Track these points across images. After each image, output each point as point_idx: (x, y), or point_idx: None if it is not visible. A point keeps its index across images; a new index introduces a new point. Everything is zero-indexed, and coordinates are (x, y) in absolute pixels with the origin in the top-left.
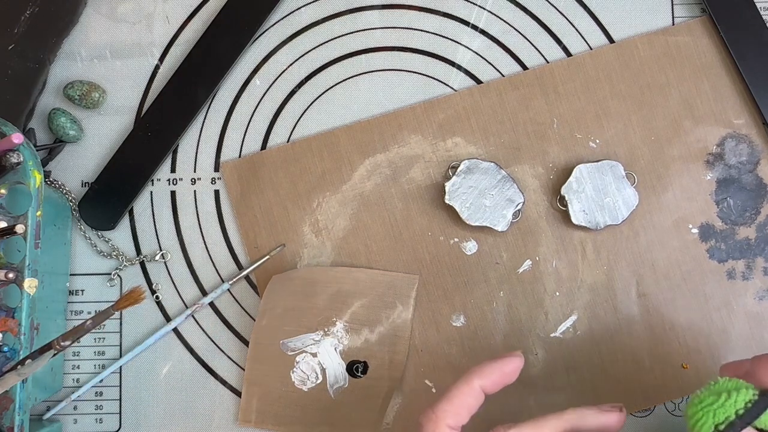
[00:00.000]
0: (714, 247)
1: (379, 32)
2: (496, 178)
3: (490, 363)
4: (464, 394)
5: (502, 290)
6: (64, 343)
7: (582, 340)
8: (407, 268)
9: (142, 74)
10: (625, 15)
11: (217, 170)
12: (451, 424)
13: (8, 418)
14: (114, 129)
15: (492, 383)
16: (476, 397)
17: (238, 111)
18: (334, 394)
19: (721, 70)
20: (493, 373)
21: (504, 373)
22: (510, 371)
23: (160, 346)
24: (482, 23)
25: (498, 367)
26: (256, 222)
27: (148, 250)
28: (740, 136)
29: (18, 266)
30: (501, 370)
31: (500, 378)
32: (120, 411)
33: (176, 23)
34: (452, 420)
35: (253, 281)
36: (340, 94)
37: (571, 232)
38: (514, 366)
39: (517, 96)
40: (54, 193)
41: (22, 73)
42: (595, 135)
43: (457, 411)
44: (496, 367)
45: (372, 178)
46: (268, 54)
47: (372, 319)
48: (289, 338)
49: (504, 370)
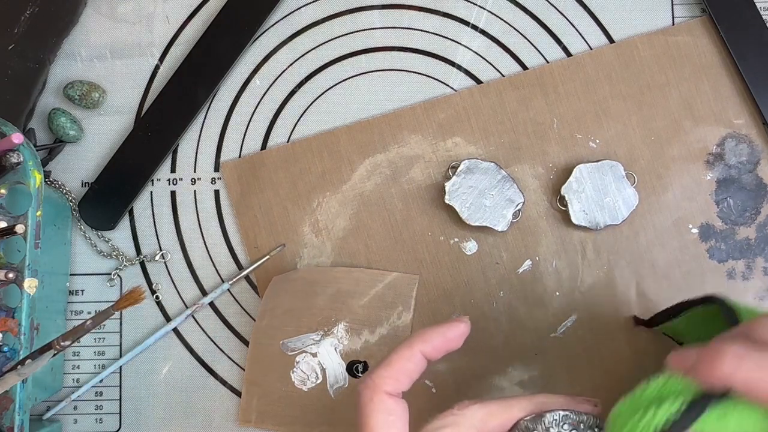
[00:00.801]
0: (714, 247)
1: (379, 32)
2: (496, 178)
3: (433, 328)
4: (404, 358)
5: (502, 290)
6: (64, 343)
7: (582, 340)
8: (407, 268)
9: (142, 74)
10: (625, 15)
11: (217, 170)
12: (389, 390)
13: (8, 418)
14: (114, 129)
15: (434, 348)
16: (417, 363)
17: (238, 111)
18: (334, 394)
19: (721, 70)
20: (436, 338)
21: (447, 338)
22: (453, 337)
23: (160, 346)
24: (482, 23)
25: (441, 331)
26: (256, 222)
27: (148, 250)
28: (740, 136)
29: (18, 266)
30: (444, 335)
31: (443, 343)
32: (120, 411)
33: (176, 23)
34: (391, 386)
35: (253, 281)
36: (340, 94)
37: (571, 232)
38: (459, 332)
39: (517, 96)
40: (54, 193)
41: (22, 73)
42: (595, 135)
43: (396, 377)
44: (439, 332)
45: (372, 178)
46: (268, 54)
47: (372, 319)
48: (289, 338)
49: (447, 336)
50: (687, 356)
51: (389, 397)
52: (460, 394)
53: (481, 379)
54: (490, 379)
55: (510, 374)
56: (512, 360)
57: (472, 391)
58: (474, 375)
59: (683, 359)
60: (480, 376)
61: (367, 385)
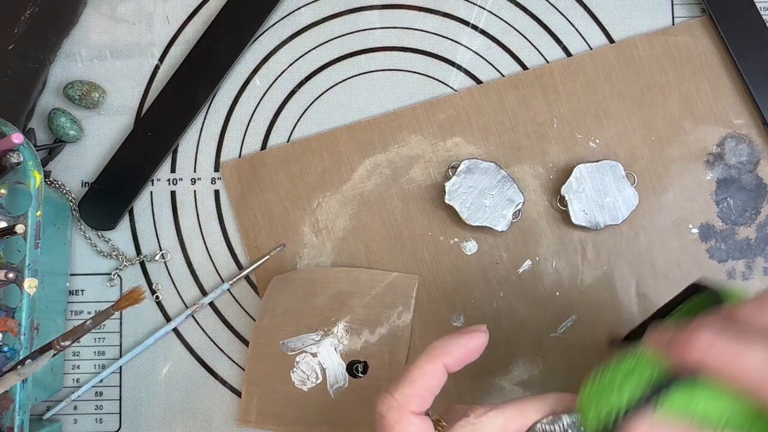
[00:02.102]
0: (714, 247)
1: (379, 32)
2: (496, 178)
3: (455, 339)
4: (428, 374)
5: (502, 290)
6: (64, 343)
7: (582, 340)
8: (407, 268)
9: (142, 74)
10: (625, 15)
11: (217, 170)
12: (415, 410)
13: (8, 418)
14: (114, 129)
15: (456, 361)
16: (440, 378)
17: (238, 111)
18: (334, 394)
19: (721, 70)
20: (458, 351)
21: (469, 350)
22: (475, 348)
23: (160, 346)
24: (482, 23)
25: (463, 343)
26: (256, 222)
27: (148, 250)
28: (740, 136)
29: (18, 266)
30: (466, 347)
31: (465, 356)
32: (120, 411)
33: (176, 23)
34: (416, 405)
35: (253, 281)
36: (340, 94)
37: (571, 232)
38: (480, 342)
39: (517, 96)
40: (54, 193)
41: (22, 73)
42: (595, 135)
43: (421, 395)
44: (461, 344)
45: (372, 178)
46: (268, 54)
47: (372, 319)
48: (289, 338)
49: (469, 347)
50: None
51: (416, 417)
52: (460, 394)
53: (481, 379)
54: (490, 379)
55: (510, 374)
56: (512, 360)
57: (472, 391)
58: (474, 375)
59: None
60: (480, 376)
61: (391, 407)
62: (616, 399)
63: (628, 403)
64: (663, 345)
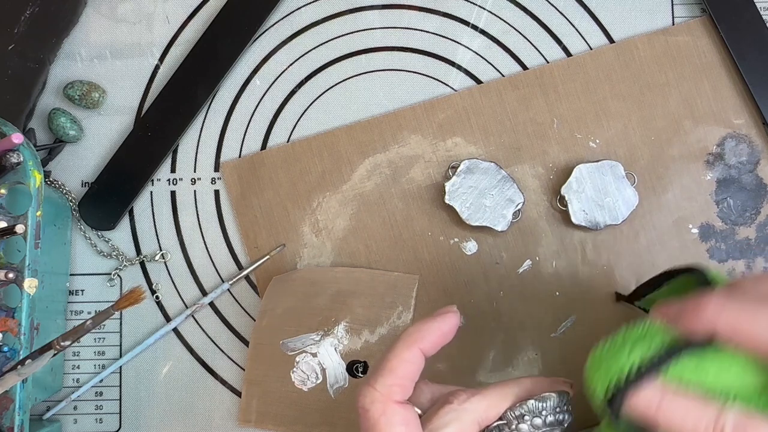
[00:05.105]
0: (714, 247)
1: (379, 32)
2: (496, 178)
3: (428, 323)
4: (407, 361)
5: (502, 290)
6: (64, 343)
7: (582, 340)
8: (407, 268)
9: (142, 74)
10: (625, 15)
11: (217, 170)
12: (399, 399)
13: (8, 418)
14: (114, 129)
15: (432, 345)
16: (419, 364)
17: (238, 111)
18: (334, 394)
19: (721, 70)
20: (433, 334)
21: (443, 332)
22: (448, 330)
23: (160, 346)
24: (482, 23)
25: (437, 327)
26: (256, 222)
27: (148, 250)
28: (740, 136)
29: (18, 266)
30: (440, 330)
31: (440, 338)
32: (120, 411)
33: (176, 23)
34: (399, 395)
35: (253, 281)
36: (340, 94)
37: (571, 232)
38: (452, 323)
39: (517, 96)
40: (54, 193)
41: (22, 73)
42: (595, 135)
43: (402, 383)
44: (435, 327)
45: (372, 178)
46: (268, 54)
47: (372, 319)
48: (289, 338)
49: (443, 330)
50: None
51: (401, 407)
52: None
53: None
54: (490, 379)
55: (510, 374)
56: (512, 360)
57: None
58: (474, 375)
59: (667, 309)
60: (480, 376)
61: (373, 399)
62: (626, 360)
63: (640, 365)
64: (671, 316)
